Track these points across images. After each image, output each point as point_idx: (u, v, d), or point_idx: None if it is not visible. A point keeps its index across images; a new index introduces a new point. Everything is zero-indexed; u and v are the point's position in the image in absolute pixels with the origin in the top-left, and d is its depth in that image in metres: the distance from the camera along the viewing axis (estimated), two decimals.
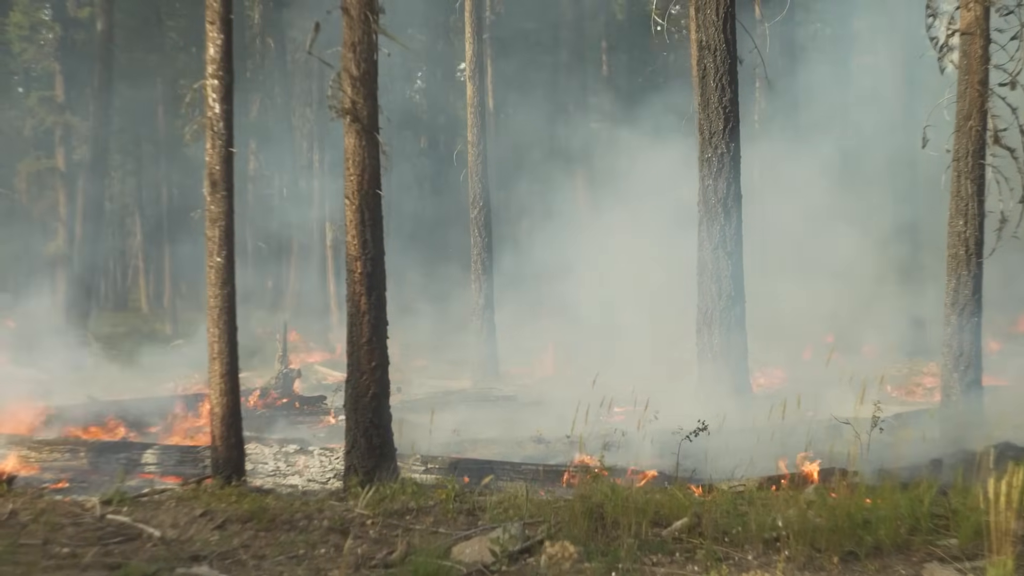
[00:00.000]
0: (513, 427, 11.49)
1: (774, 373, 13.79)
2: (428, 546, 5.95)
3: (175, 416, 11.19)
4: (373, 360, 7.43)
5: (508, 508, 6.55)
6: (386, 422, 7.53)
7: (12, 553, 5.84)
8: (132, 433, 10.41)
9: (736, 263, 11.88)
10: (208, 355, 7.56)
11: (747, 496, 6.88)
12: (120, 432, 10.63)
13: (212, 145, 7.48)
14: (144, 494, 7.23)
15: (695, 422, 9.24)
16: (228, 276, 7.50)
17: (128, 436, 9.93)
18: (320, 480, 8.09)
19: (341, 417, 12.14)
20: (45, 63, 29.77)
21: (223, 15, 7.50)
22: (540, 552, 5.85)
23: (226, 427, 7.49)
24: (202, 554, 6.03)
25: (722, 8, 11.73)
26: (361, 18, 7.18)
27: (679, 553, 5.79)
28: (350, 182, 7.34)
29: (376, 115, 7.31)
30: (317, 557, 6.01)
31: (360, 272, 7.36)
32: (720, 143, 11.76)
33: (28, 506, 6.81)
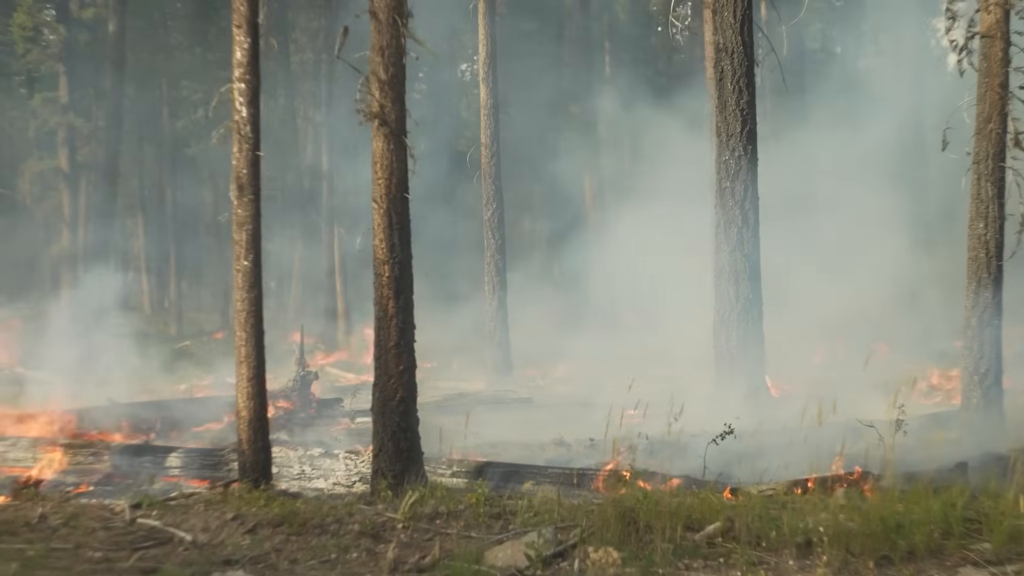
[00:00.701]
0: (532, 430, 11.48)
1: (791, 376, 13.77)
2: (461, 550, 5.97)
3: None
4: (401, 364, 7.44)
5: (538, 512, 6.54)
6: (414, 426, 7.53)
7: (45, 557, 5.84)
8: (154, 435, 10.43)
9: (754, 265, 11.88)
10: (235, 359, 7.56)
11: (777, 500, 6.88)
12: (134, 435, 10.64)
13: (239, 149, 7.48)
14: (172, 498, 7.23)
15: (715, 425, 9.27)
16: (255, 280, 7.51)
17: (151, 439, 9.93)
18: (345, 484, 8.09)
19: (358, 420, 12.19)
20: (49, 64, 29.77)
21: (250, 19, 7.50)
22: (573, 556, 5.85)
23: (253, 431, 7.49)
24: (234, 558, 6.03)
25: (739, 11, 11.72)
26: (389, 22, 7.18)
27: (713, 558, 5.79)
28: (378, 186, 7.34)
29: (404, 119, 7.31)
30: (350, 561, 6.01)
31: (388, 276, 7.36)
32: (737, 145, 11.76)
33: (57, 510, 6.81)
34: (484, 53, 16.41)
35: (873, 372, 13.17)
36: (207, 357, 22.26)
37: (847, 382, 12.46)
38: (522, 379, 17.33)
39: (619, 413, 12.52)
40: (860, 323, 14.47)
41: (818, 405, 10.92)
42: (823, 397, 12.08)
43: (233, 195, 7.51)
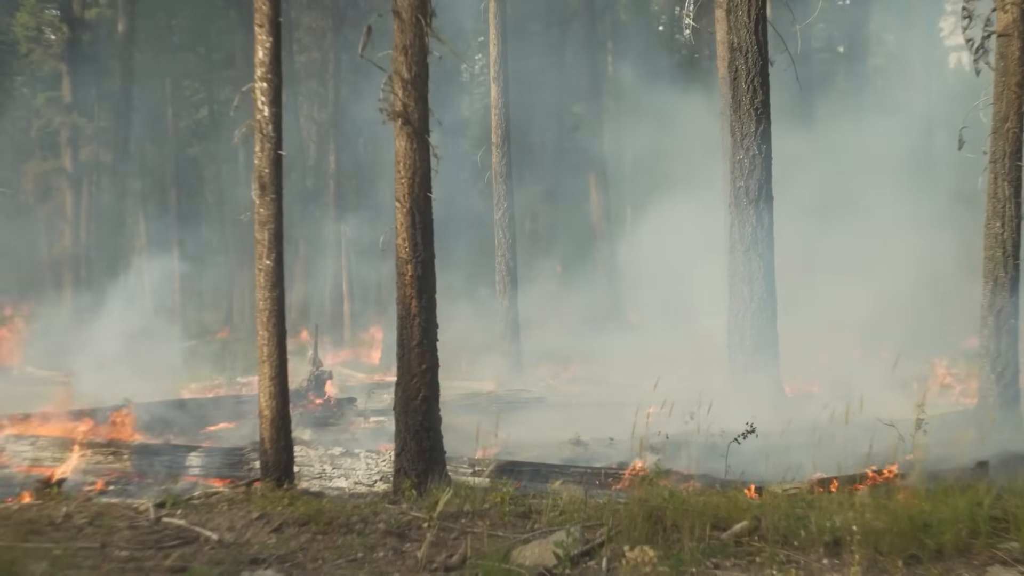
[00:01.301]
0: (548, 429, 11.47)
1: (803, 375, 13.78)
2: (487, 549, 5.96)
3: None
4: (423, 363, 7.43)
5: (564, 511, 6.54)
6: (436, 425, 7.52)
7: (72, 556, 5.83)
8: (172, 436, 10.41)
9: (768, 265, 11.87)
10: (257, 358, 7.56)
11: (801, 499, 6.87)
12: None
13: (261, 148, 7.49)
14: (196, 497, 7.23)
15: (731, 424, 9.26)
16: (277, 279, 7.50)
17: (169, 439, 9.93)
18: (366, 483, 8.08)
19: (373, 419, 12.19)
20: (52, 64, 29.76)
21: (272, 18, 7.51)
22: (601, 555, 5.85)
23: (275, 430, 7.50)
24: (261, 557, 6.03)
25: (754, 10, 11.71)
26: (412, 21, 7.17)
27: (741, 556, 5.78)
28: (400, 185, 7.33)
29: (427, 118, 7.30)
30: (376, 560, 6.01)
31: (411, 275, 7.35)
32: (752, 144, 11.75)
33: (82, 509, 6.80)
34: (495, 52, 16.40)
35: (884, 370, 13.21)
36: (214, 356, 22.28)
37: (860, 381, 12.45)
38: (532, 379, 17.32)
39: (636, 413, 12.57)
40: (871, 322, 14.45)
41: (836, 405, 10.95)
42: (837, 396, 12.13)
43: (255, 194, 7.52)
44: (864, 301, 14.51)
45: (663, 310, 25.86)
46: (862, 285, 14.68)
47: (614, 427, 11.63)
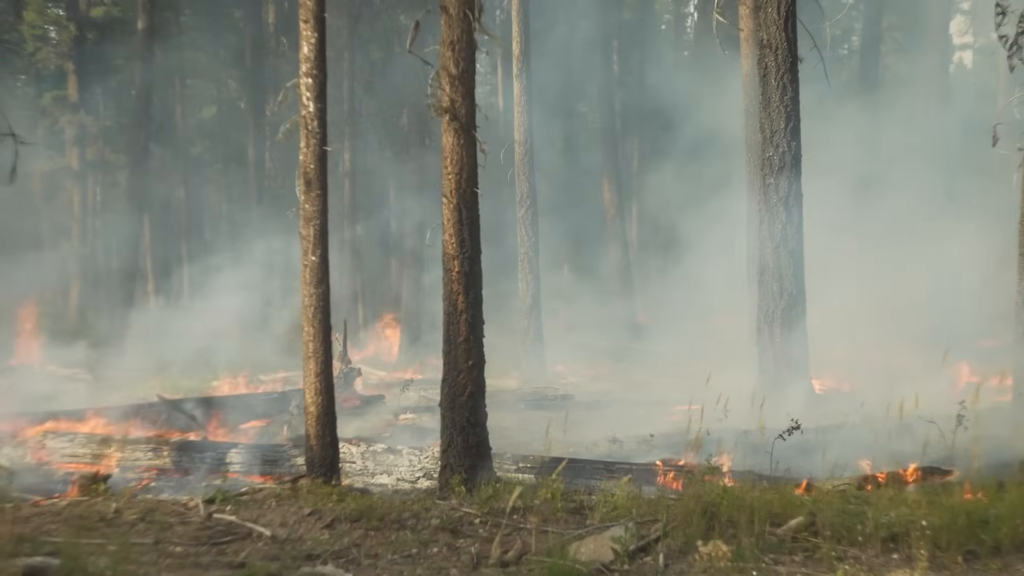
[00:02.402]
0: (579, 427, 11.46)
1: (832, 371, 13.77)
2: (542, 545, 5.95)
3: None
4: (470, 359, 7.43)
5: (615, 507, 6.53)
6: (482, 421, 7.53)
7: (127, 552, 5.83)
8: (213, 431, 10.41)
9: (798, 262, 11.85)
10: (302, 354, 7.54)
11: (851, 495, 6.86)
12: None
13: (306, 144, 7.47)
14: (243, 493, 7.22)
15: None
16: (323, 275, 7.50)
17: (207, 435, 9.91)
18: (409, 479, 8.07)
19: (403, 416, 12.18)
20: (58, 62, 29.74)
21: (317, 13, 7.50)
22: (656, 551, 5.84)
23: (321, 426, 7.48)
24: (315, 553, 6.02)
25: (783, 7, 11.69)
26: (460, 16, 7.16)
27: (798, 552, 5.77)
28: (447, 181, 7.32)
29: (473, 113, 7.29)
30: (431, 556, 6.00)
31: (457, 271, 7.35)
32: (781, 141, 11.73)
33: (131, 505, 6.80)
34: (518, 50, 16.38)
35: (911, 366, 13.19)
36: (230, 354, 22.16)
37: (889, 377, 12.44)
38: (553, 376, 17.32)
39: (667, 411, 12.57)
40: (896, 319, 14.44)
41: (868, 401, 10.95)
42: (867, 392, 12.11)
43: (300, 190, 7.50)
44: (890, 299, 14.49)
45: (676, 308, 25.91)
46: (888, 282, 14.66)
47: (645, 424, 11.63)
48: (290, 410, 11.17)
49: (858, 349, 13.74)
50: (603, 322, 24.62)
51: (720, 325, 26.03)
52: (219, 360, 20.17)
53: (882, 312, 14.89)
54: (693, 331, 24.53)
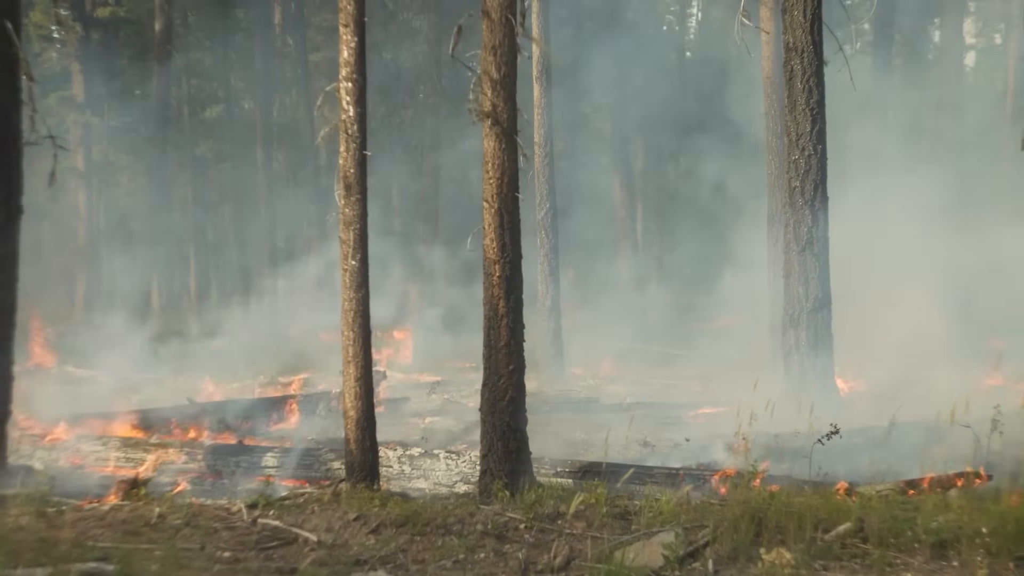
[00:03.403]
0: (604, 430, 11.45)
1: (858, 375, 13.76)
2: (590, 551, 5.96)
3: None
4: (511, 364, 7.43)
5: (660, 512, 6.52)
6: (522, 426, 7.52)
7: (175, 557, 5.83)
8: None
9: (823, 265, 11.84)
10: (342, 359, 7.54)
11: (893, 500, 6.85)
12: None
13: (346, 148, 7.47)
14: (285, 497, 7.23)
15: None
16: (363, 279, 7.49)
17: (244, 439, 9.90)
18: (447, 484, 8.07)
19: (429, 419, 12.19)
20: (63, 62, 29.72)
21: (357, 18, 7.49)
22: (705, 556, 5.84)
23: (361, 430, 7.48)
24: (362, 558, 6.03)
25: (809, 10, 11.69)
26: (502, 21, 7.16)
27: (847, 559, 5.76)
28: (489, 185, 7.32)
29: (515, 118, 7.29)
30: (478, 562, 6.00)
31: (499, 276, 7.35)
32: (808, 144, 11.72)
33: (174, 510, 6.80)
34: (538, 52, 16.38)
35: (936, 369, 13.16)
36: (243, 354, 22.11)
37: (919, 380, 12.43)
38: (572, 378, 17.31)
39: (692, 413, 12.57)
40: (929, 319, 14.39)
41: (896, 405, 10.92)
42: (890, 397, 12.10)
43: (340, 195, 7.50)
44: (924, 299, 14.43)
45: (687, 309, 25.95)
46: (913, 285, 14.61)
47: (673, 428, 11.63)
48: (318, 412, 11.19)
49: (889, 351, 13.70)
50: (615, 324, 24.60)
51: (730, 326, 26.07)
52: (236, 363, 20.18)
53: (916, 313, 14.83)
54: (705, 332, 24.54)
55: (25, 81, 7.59)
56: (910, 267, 14.47)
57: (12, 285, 7.93)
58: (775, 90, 15.53)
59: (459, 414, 12.52)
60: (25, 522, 6.60)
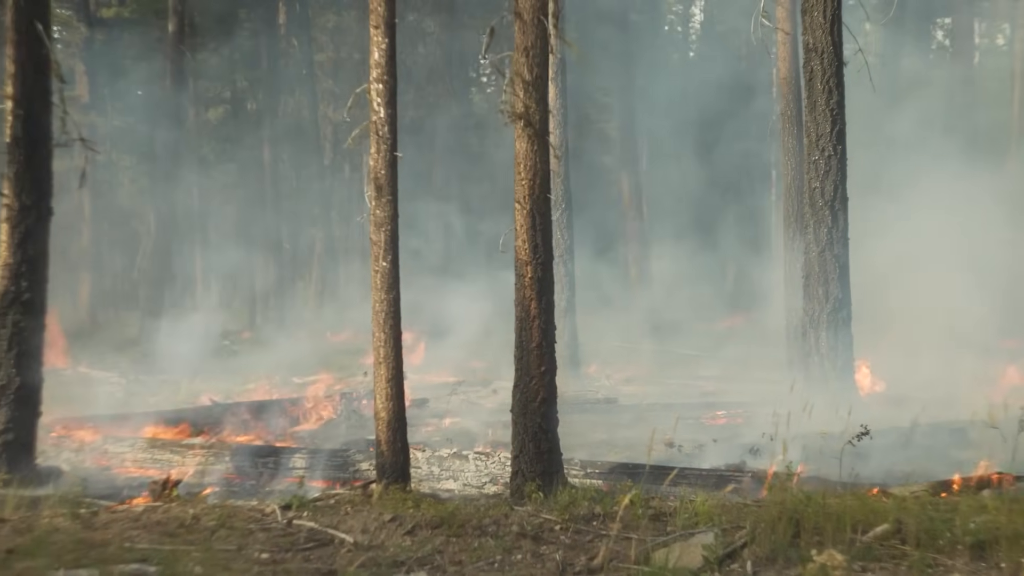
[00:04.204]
0: (627, 431, 11.48)
1: (878, 376, 13.76)
2: (627, 552, 5.95)
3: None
4: (543, 365, 7.43)
5: (695, 513, 6.52)
6: (554, 427, 7.53)
7: (213, 559, 5.83)
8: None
9: (843, 266, 11.86)
10: (373, 360, 7.56)
11: (925, 500, 6.84)
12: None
13: (377, 149, 7.47)
14: (318, 499, 7.23)
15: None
16: (393, 280, 7.50)
17: (273, 440, 9.92)
18: (476, 485, 8.07)
19: (449, 420, 12.19)
20: (68, 63, 29.67)
21: (387, 19, 7.50)
22: (743, 558, 5.83)
23: (392, 432, 7.49)
24: (400, 560, 6.01)
25: (829, 11, 11.71)
26: (534, 23, 7.16)
27: (886, 560, 5.75)
28: (520, 186, 7.32)
29: (547, 119, 7.30)
30: (516, 563, 5.99)
31: (530, 277, 7.34)
32: (827, 145, 11.74)
33: (208, 511, 6.80)
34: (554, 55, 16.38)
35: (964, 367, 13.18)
36: (255, 356, 22.12)
37: (935, 382, 12.44)
38: (587, 379, 17.35)
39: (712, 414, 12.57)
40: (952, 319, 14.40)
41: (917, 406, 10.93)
42: (912, 397, 12.11)
43: (371, 196, 7.50)
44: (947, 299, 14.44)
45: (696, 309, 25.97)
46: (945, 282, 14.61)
47: (695, 429, 11.64)
48: (340, 413, 11.19)
49: (910, 351, 13.73)
50: (623, 324, 24.65)
51: (736, 326, 26.13)
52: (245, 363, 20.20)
53: (939, 312, 14.83)
54: (711, 333, 24.59)
55: (56, 83, 7.54)
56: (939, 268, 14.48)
57: (43, 286, 7.95)
58: (791, 91, 15.55)
59: (477, 415, 12.53)
60: (60, 523, 6.61)
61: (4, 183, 7.83)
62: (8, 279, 7.73)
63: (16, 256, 7.77)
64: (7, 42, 7.59)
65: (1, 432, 7.84)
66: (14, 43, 7.55)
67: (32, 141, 7.79)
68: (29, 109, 7.65)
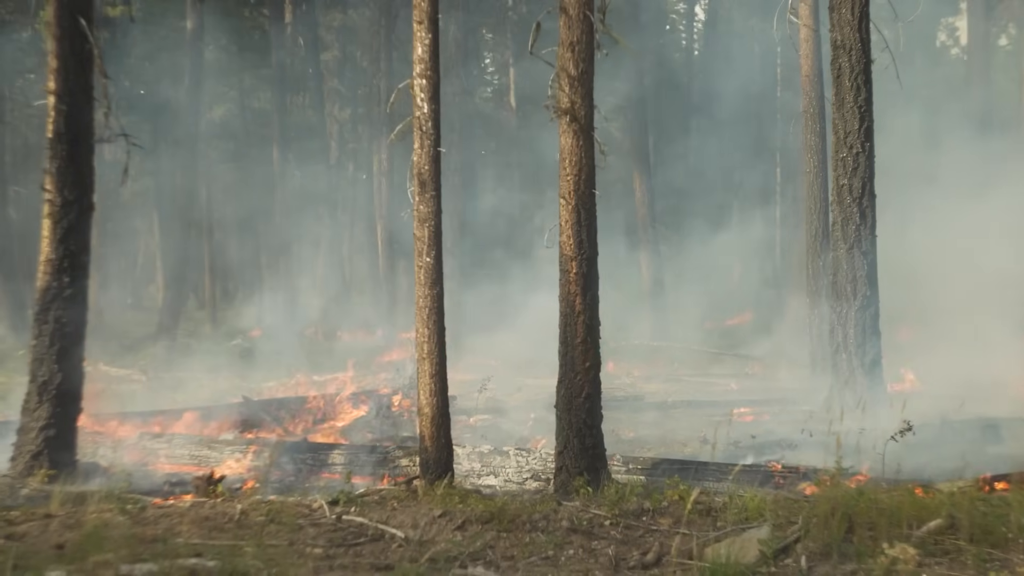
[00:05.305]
0: (657, 427, 11.49)
1: (908, 372, 13.76)
2: (680, 547, 5.95)
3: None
4: (587, 360, 7.43)
5: (744, 508, 6.51)
6: (598, 423, 7.53)
7: (267, 554, 5.82)
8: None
9: (871, 263, 11.82)
10: (416, 356, 7.55)
11: (972, 495, 6.83)
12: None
13: (420, 145, 7.46)
14: (364, 494, 7.22)
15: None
16: (437, 276, 7.49)
17: (306, 437, 9.91)
18: (516, 480, 8.07)
19: (477, 417, 12.19)
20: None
21: (431, 15, 7.49)
22: (797, 553, 5.83)
23: (436, 427, 7.48)
24: (452, 555, 6.00)
25: (857, 8, 11.67)
26: (580, 18, 7.16)
27: (940, 555, 5.74)
28: (566, 182, 7.33)
29: (592, 115, 7.29)
30: (569, 559, 5.99)
31: (575, 272, 7.35)
32: (855, 142, 11.71)
33: (256, 507, 6.80)
34: None
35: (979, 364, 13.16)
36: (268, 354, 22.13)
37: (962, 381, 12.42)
38: (607, 377, 17.26)
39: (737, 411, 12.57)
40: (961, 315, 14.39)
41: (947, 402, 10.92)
42: (940, 395, 12.09)
43: (415, 192, 7.50)
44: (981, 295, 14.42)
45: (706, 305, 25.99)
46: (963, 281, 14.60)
47: (723, 426, 11.62)
48: (370, 410, 11.19)
49: (940, 346, 13.71)
50: (638, 321, 24.67)
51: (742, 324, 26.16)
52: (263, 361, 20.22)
53: (972, 307, 14.80)
54: (717, 331, 24.62)
55: (99, 77, 7.52)
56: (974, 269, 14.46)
57: (85, 282, 7.96)
58: (813, 88, 15.53)
59: (506, 412, 12.53)
60: (109, 519, 6.60)
61: (46, 178, 7.83)
62: (50, 274, 7.74)
63: (58, 251, 7.78)
64: (50, 37, 7.57)
65: (43, 428, 7.84)
66: (57, 38, 7.55)
67: (74, 137, 7.80)
68: (72, 104, 7.65)
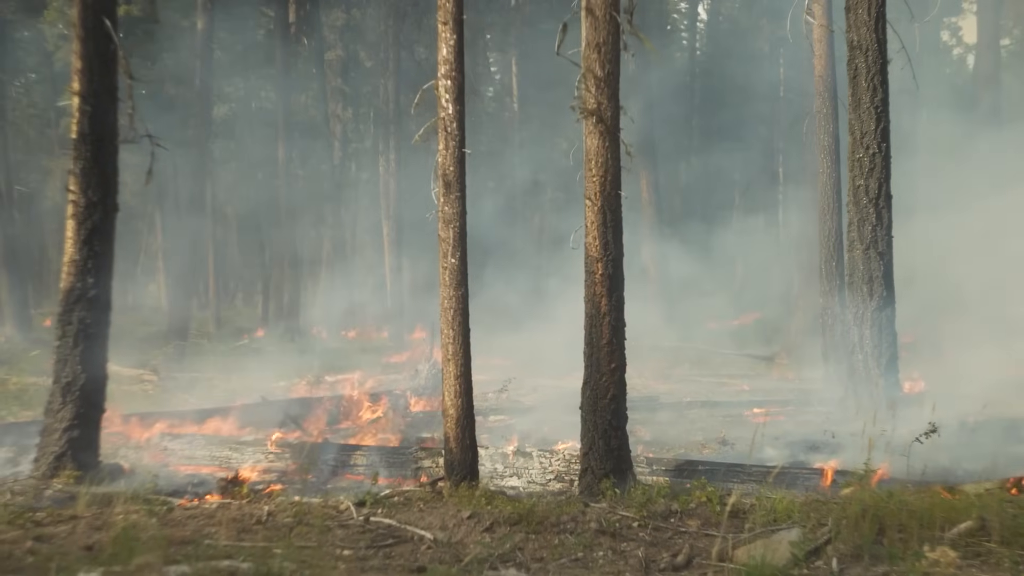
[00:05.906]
0: (673, 428, 11.48)
1: (916, 374, 13.75)
2: (710, 549, 5.94)
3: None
4: (613, 362, 7.42)
5: (772, 510, 6.50)
6: (623, 424, 7.52)
7: (298, 555, 5.82)
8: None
9: (888, 264, 11.81)
10: (442, 357, 7.54)
11: (1001, 497, 6.82)
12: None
13: (445, 146, 7.46)
14: (389, 495, 7.22)
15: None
16: (462, 277, 7.48)
17: (327, 437, 9.91)
18: (540, 482, 8.06)
19: (492, 418, 12.17)
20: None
21: (456, 16, 7.48)
22: (828, 555, 5.82)
23: (460, 429, 7.48)
24: (482, 557, 6.00)
25: (874, 8, 11.66)
26: (606, 18, 7.15)
27: (971, 557, 5.73)
28: (592, 183, 7.32)
29: (618, 116, 7.29)
30: (598, 560, 5.99)
31: (601, 274, 7.34)
32: (872, 143, 11.69)
33: (283, 508, 6.79)
34: None
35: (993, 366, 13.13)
36: (276, 354, 22.13)
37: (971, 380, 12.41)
38: None
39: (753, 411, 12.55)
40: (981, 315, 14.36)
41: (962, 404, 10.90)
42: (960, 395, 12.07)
43: (440, 193, 7.49)
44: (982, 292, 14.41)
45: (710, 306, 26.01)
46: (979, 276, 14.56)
47: (739, 426, 11.64)
48: (387, 411, 11.18)
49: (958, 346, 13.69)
50: (644, 320, 24.59)
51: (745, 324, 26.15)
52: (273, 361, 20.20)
53: (991, 307, 14.77)
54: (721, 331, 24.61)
55: (123, 78, 7.51)
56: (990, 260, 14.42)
57: (108, 283, 7.94)
58: (827, 89, 15.52)
59: (522, 412, 12.50)
60: (136, 520, 6.59)
61: (70, 179, 7.82)
62: (74, 275, 7.73)
63: (82, 252, 7.77)
64: (74, 38, 7.57)
65: (67, 429, 7.83)
66: (81, 39, 7.53)
67: (98, 137, 7.78)
68: (96, 105, 7.63)
